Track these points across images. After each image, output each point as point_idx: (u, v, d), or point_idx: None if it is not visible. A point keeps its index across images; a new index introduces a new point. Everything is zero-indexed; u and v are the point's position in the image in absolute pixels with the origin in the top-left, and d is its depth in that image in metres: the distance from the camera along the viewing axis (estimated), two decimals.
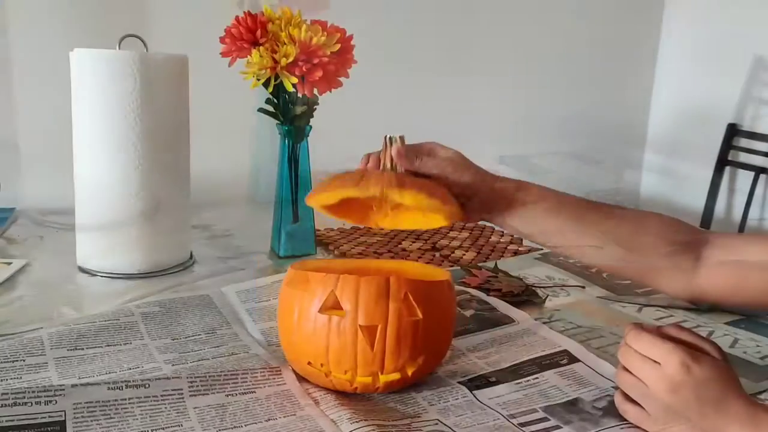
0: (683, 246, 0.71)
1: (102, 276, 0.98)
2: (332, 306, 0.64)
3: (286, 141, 1.09)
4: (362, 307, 0.63)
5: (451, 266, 1.10)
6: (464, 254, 1.17)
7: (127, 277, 0.98)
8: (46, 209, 1.29)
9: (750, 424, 0.55)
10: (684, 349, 0.58)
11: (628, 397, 0.62)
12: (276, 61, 0.98)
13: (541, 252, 1.22)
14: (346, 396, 0.65)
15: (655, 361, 0.58)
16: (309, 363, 0.65)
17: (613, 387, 0.69)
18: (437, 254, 1.17)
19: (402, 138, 0.73)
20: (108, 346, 0.72)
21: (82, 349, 0.71)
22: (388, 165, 0.73)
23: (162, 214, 1.00)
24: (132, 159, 0.96)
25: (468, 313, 0.85)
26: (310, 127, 1.09)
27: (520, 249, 1.22)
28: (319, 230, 1.17)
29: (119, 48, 0.96)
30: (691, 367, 0.56)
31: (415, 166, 0.72)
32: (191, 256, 1.09)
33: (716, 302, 0.74)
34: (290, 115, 1.06)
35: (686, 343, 0.59)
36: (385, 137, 0.74)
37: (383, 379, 0.64)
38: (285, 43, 0.98)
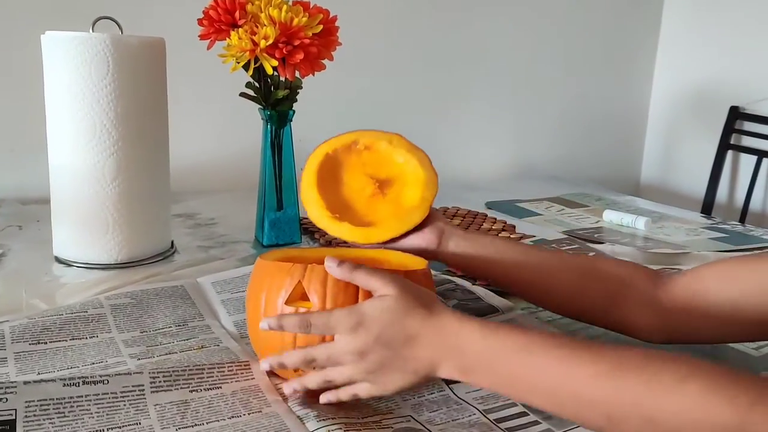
0: (638, 271, 0.69)
1: (78, 266, 0.96)
2: (299, 297, 0.61)
3: (269, 126, 1.05)
4: (330, 298, 0.60)
5: None
6: None
7: (104, 268, 0.95)
8: (27, 198, 1.27)
9: (451, 353, 0.54)
10: (342, 315, 0.56)
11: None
12: (255, 43, 0.94)
13: (534, 239, 1.19)
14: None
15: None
16: None
17: None
18: None
19: None
20: (73, 339, 0.70)
21: (45, 342, 0.68)
22: None
23: (140, 203, 0.97)
24: (107, 146, 0.93)
25: (451, 303, 0.82)
26: (293, 111, 1.06)
27: (512, 236, 1.19)
28: (304, 218, 1.14)
29: (92, 31, 0.93)
30: (361, 326, 0.55)
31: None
32: (172, 246, 1.06)
33: (688, 335, 0.68)
34: (272, 99, 1.03)
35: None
36: None
37: None
38: (264, 25, 0.95)
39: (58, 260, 0.98)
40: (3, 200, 1.27)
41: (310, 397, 0.60)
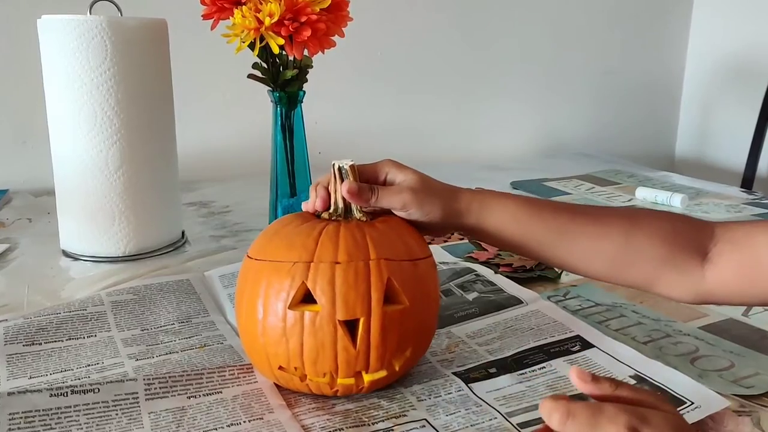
0: (685, 248, 0.59)
1: (85, 260, 0.92)
2: (303, 300, 0.55)
3: (279, 108, 1.00)
4: (340, 298, 0.54)
5: (461, 239, 1.01)
6: None
7: (112, 261, 0.92)
8: (39, 190, 1.24)
9: None
10: (627, 411, 0.42)
11: None
12: (260, 21, 0.89)
13: None
14: (325, 397, 0.58)
15: None
16: (280, 368, 0.56)
17: (630, 376, 0.61)
18: None
19: (353, 167, 0.61)
20: (69, 339, 0.66)
21: (40, 343, 0.65)
22: (340, 204, 0.61)
23: (147, 193, 0.93)
24: (109, 134, 0.89)
25: (471, 296, 0.76)
26: (304, 92, 1.01)
27: None
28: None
29: (90, 13, 0.88)
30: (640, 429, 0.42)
31: (371, 204, 0.60)
32: (183, 236, 1.02)
33: (724, 303, 0.62)
34: (280, 80, 0.98)
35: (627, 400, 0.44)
36: (333, 166, 0.61)
37: (368, 378, 0.56)
38: (269, 1, 0.89)
39: (65, 254, 0.95)
40: (16, 192, 1.25)
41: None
